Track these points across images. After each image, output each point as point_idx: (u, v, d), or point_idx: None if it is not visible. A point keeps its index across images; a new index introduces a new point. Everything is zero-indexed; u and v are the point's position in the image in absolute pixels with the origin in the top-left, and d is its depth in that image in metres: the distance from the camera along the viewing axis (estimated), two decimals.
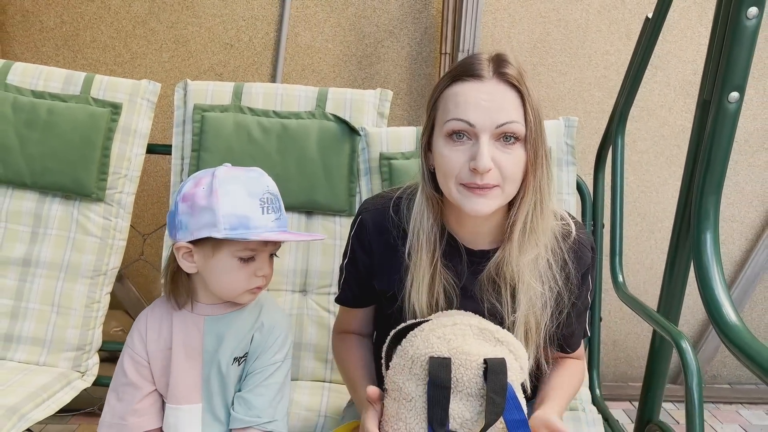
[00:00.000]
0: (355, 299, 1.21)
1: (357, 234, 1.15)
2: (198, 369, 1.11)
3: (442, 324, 0.99)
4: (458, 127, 0.96)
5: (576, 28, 2.47)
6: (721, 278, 1.13)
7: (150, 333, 1.12)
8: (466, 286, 1.08)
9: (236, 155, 1.61)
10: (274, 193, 1.09)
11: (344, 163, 1.62)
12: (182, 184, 1.08)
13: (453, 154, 0.97)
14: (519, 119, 0.96)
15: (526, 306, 1.05)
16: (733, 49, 1.12)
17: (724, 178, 1.20)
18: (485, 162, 0.94)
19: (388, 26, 2.46)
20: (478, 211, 0.97)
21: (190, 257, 1.06)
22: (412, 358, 0.97)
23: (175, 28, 2.45)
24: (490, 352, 0.96)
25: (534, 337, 1.07)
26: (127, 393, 1.11)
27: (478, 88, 0.96)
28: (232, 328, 1.11)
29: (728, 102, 1.14)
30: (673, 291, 1.51)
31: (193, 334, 1.11)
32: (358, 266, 1.16)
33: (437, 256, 1.06)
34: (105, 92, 1.66)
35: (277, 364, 1.12)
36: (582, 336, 1.20)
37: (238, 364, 1.11)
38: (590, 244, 1.13)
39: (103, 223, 1.63)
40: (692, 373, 1.17)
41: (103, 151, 1.62)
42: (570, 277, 1.08)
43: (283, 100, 1.66)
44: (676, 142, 2.56)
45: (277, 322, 1.15)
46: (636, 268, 2.63)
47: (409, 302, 1.08)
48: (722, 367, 2.75)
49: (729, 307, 1.08)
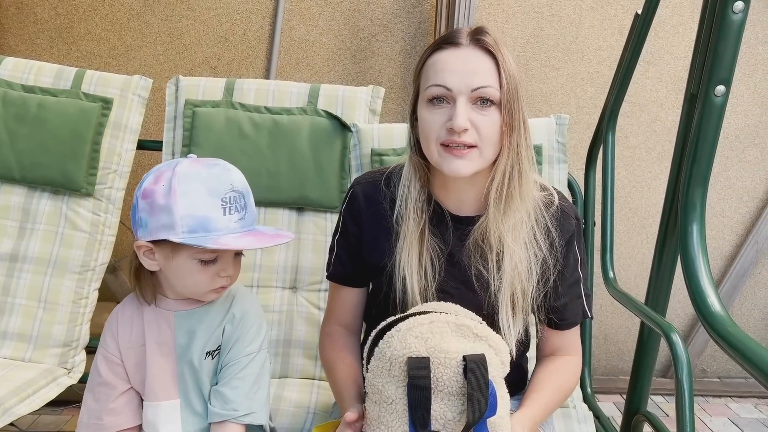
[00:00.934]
0: (346, 275, 1.20)
1: (348, 206, 1.18)
2: (172, 365, 1.10)
3: (419, 323, 0.98)
4: (437, 92, 1.02)
5: (569, 24, 2.47)
6: (706, 268, 1.14)
7: (122, 331, 1.11)
8: (453, 252, 1.10)
9: (227, 151, 1.61)
10: (240, 189, 1.04)
11: (335, 159, 1.62)
12: (144, 177, 1.04)
13: (432, 116, 1.03)
14: (493, 84, 1.01)
15: (511, 271, 1.07)
16: (720, 43, 1.13)
17: (710, 171, 1.21)
18: (461, 121, 0.99)
19: (382, 20, 2.45)
20: (457, 171, 1.01)
21: (152, 255, 1.04)
22: (390, 359, 0.96)
23: (169, 21, 2.45)
24: (469, 349, 0.95)
25: (521, 304, 1.08)
26: (103, 393, 1.10)
27: (455, 54, 1.03)
28: (202, 323, 1.09)
29: (715, 95, 1.16)
30: (660, 283, 1.52)
31: (164, 330, 1.10)
32: (349, 239, 1.18)
33: (424, 222, 1.09)
34: (96, 87, 1.66)
35: (251, 355, 1.10)
36: (580, 314, 1.18)
37: (212, 357, 1.10)
38: (574, 212, 1.16)
39: (92, 219, 1.63)
40: (682, 365, 1.17)
41: (93, 146, 1.62)
42: (554, 244, 1.10)
43: (274, 96, 1.66)
44: (668, 138, 2.56)
45: (249, 312, 1.12)
46: (627, 263, 2.64)
47: (399, 270, 1.09)
48: (712, 361, 2.77)
49: (713, 297, 1.09)
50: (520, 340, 1.12)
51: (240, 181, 1.05)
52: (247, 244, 1.02)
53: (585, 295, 1.19)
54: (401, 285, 1.09)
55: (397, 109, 2.50)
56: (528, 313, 1.11)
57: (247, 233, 1.03)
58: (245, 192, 1.05)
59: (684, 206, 1.21)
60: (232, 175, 1.04)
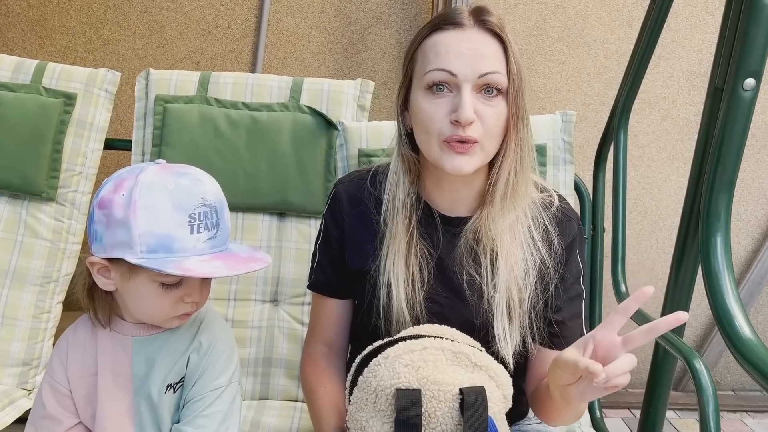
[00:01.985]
0: (329, 284, 1.09)
1: (330, 208, 1.09)
2: (128, 397, 0.96)
3: (410, 349, 0.86)
4: (439, 77, 0.91)
5: (574, 15, 2.34)
6: (732, 286, 1.02)
7: (72, 357, 0.97)
8: (443, 257, 1.01)
9: (201, 151, 1.47)
10: (212, 203, 0.90)
11: (320, 159, 1.49)
12: (104, 183, 0.91)
13: (433, 107, 0.92)
14: (501, 70, 0.92)
15: (507, 274, 0.97)
16: (750, 30, 1.02)
17: (736, 175, 1.09)
18: (468, 113, 0.89)
19: (375, 12, 2.32)
20: (460, 170, 0.92)
21: (107, 273, 0.90)
22: (375, 391, 0.84)
23: (149, 13, 2.32)
24: (467, 380, 0.84)
25: (518, 311, 0.98)
26: (46, 427, 0.97)
27: (460, 36, 0.92)
28: (164, 351, 0.96)
29: (743, 90, 1.05)
30: (678, 299, 1.40)
31: (120, 358, 0.96)
32: (332, 244, 1.08)
33: (413, 223, 1.00)
34: (58, 81, 1.53)
35: (219, 390, 0.97)
36: (579, 336, 1.05)
37: (173, 390, 0.97)
38: (576, 216, 1.07)
39: (55, 225, 1.50)
40: (708, 398, 1.04)
41: (54, 145, 1.49)
42: (553, 245, 1.01)
43: (253, 91, 1.52)
44: (680, 137, 2.44)
45: (219, 340, 0.99)
46: (636, 270, 2.51)
47: (383, 276, 0.99)
48: (726, 373, 2.63)
49: (742, 320, 0.97)
50: (517, 351, 1.00)
51: (213, 193, 0.91)
52: (214, 271, 0.88)
53: (584, 315, 1.07)
54: (386, 291, 0.99)
55: (391, 106, 2.36)
56: (525, 320, 0.99)
57: (217, 255, 0.89)
58: (219, 207, 0.91)
59: (706, 215, 1.08)
60: (204, 186, 0.90)
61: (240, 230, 1.48)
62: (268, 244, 1.49)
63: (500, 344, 0.96)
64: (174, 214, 0.86)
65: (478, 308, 0.99)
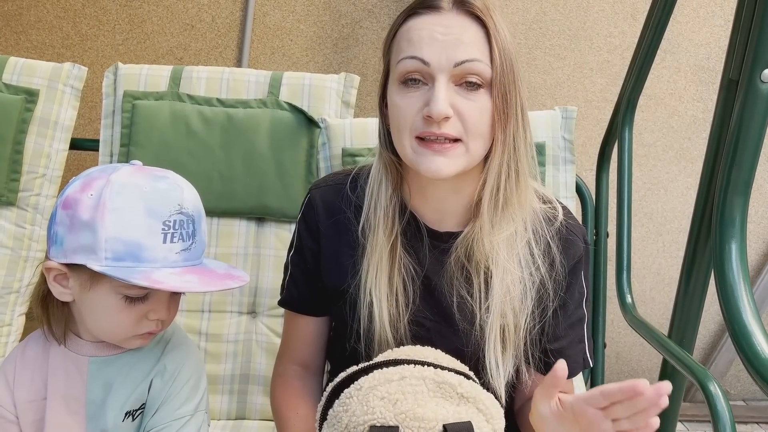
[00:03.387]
0: (301, 300, 1.00)
1: (304, 215, 0.99)
2: (81, 425, 0.87)
3: (387, 378, 0.76)
4: (411, 66, 0.82)
5: (576, 8, 2.24)
6: (749, 298, 0.95)
7: (20, 378, 0.87)
8: (430, 276, 0.91)
9: (172, 151, 1.37)
10: (190, 212, 0.82)
11: (301, 160, 1.39)
12: (71, 181, 0.82)
13: (405, 101, 0.83)
14: (483, 58, 0.81)
15: (502, 295, 0.86)
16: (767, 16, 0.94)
17: (753, 176, 1.04)
18: (440, 106, 0.79)
19: (366, 5, 2.22)
20: (436, 172, 0.81)
21: (65, 281, 0.81)
22: (347, 427, 0.74)
23: (129, 7, 2.22)
24: (452, 415, 0.74)
25: (512, 338, 0.88)
26: None
27: (435, 20, 0.82)
28: (124, 374, 0.87)
29: (761, 81, 0.97)
30: (688, 310, 1.32)
31: (74, 381, 0.86)
32: (306, 256, 0.98)
33: (396, 233, 0.90)
34: (19, 77, 1.43)
35: (183, 419, 0.87)
36: (579, 362, 0.96)
37: (132, 419, 0.87)
38: (582, 233, 0.95)
39: (16, 232, 1.40)
40: (725, 426, 0.94)
41: (14, 146, 1.40)
42: (555, 265, 0.90)
43: (229, 86, 1.42)
44: (687, 135, 2.33)
45: (186, 365, 0.90)
46: (642, 274, 2.41)
47: (364, 294, 0.89)
48: (736, 382, 2.53)
49: (760, 336, 0.90)
50: (509, 382, 0.90)
51: (192, 201, 0.83)
52: (187, 285, 0.79)
53: (587, 339, 0.96)
54: (367, 312, 0.89)
55: None
56: (520, 348, 0.88)
57: (190, 269, 0.81)
58: (196, 216, 0.83)
59: (720, 221, 1.01)
60: (183, 193, 0.82)
61: (215, 237, 1.38)
62: (245, 251, 1.39)
63: (492, 374, 0.86)
64: (146, 220, 0.78)
65: (468, 334, 0.88)
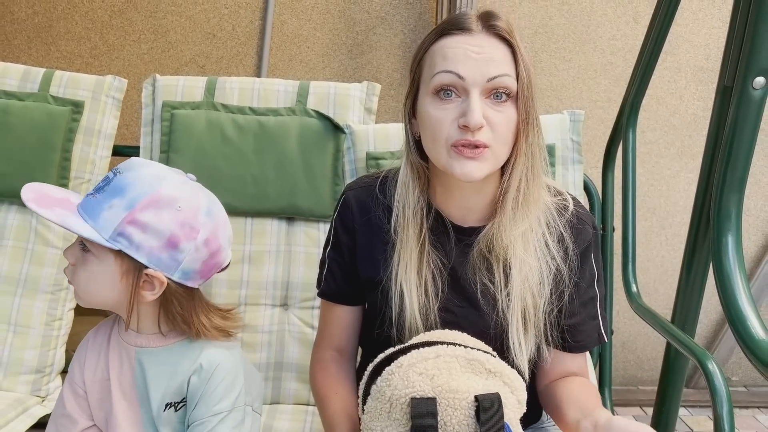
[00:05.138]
0: (340, 292, 1.09)
1: (340, 214, 1.07)
2: (135, 409, 0.97)
3: (423, 357, 0.85)
4: (447, 80, 0.90)
5: (580, 12, 2.33)
6: (745, 287, 1.02)
7: (89, 360, 0.98)
8: (456, 267, 1.00)
9: (209, 157, 1.47)
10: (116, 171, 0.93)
11: (328, 163, 1.48)
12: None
13: (441, 113, 0.91)
14: (511, 73, 0.91)
15: (521, 283, 0.96)
16: (760, 26, 1.00)
17: (747, 175, 1.08)
18: (477, 117, 0.87)
19: (379, 12, 2.31)
20: (470, 175, 0.90)
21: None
22: (390, 400, 0.84)
23: (153, 18, 2.32)
24: (482, 387, 0.84)
25: (533, 319, 0.97)
26: (64, 426, 0.98)
27: (468, 40, 0.91)
28: (162, 367, 0.96)
29: (753, 88, 1.03)
30: (689, 298, 1.40)
31: (125, 368, 0.97)
32: (342, 250, 1.07)
33: (425, 231, 0.99)
34: (65, 89, 1.53)
35: (221, 415, 0.95)
36: (594, 338, 1.05)
37: (174, 409, 0.96)
38: (591, 220, 1.05)
39: (65, 233, 1.50)
40: (722, 400, 1.03)
41: (63, 153, 1.49)
42: (568, 252, 1.00)
43: (260, 96, 1.52)
44: (688, 132, 2.42)
45: (222, 366, 0.97)
46: (646, 267, 2.50)
47: (395, 286, 0.98)
48: (737, 369, 2.62)
49: (755, 320, 0.97)
50: (532, 359, 0.99)
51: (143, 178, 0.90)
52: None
53: (601, 317, 1.06)
54: (398, 301, 0.98)
55: (396, 106, 2.36)
56: (540, 329, 0.98)
57: None
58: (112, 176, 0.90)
59: (717, 215, 1.08)
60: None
61: (249, 235, 1.48)
62: (277, 248, 1.49)
63: (515, 353, 0.96)
64: None
65: (492, 318, 0.98)
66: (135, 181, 0.87)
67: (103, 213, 0.86)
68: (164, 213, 0.86)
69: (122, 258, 0.88)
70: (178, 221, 0.87)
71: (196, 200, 0.89)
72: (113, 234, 0.86)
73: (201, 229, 0.89)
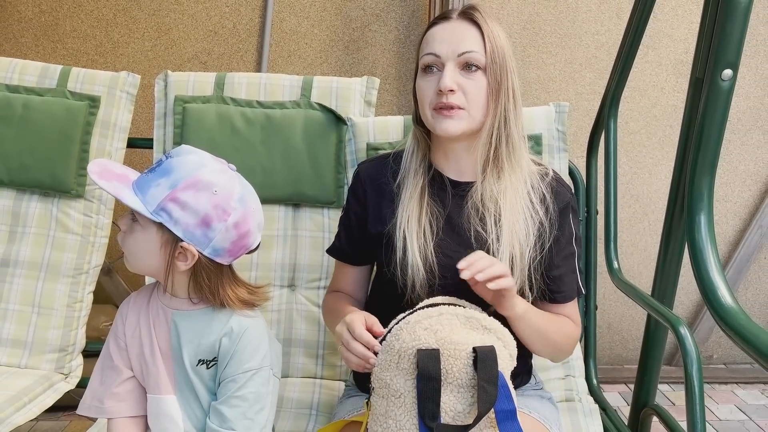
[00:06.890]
0: (343, 251, 1.27)
1: (352, 186, 1.27)
2: (169, 363, 1.07)
3: (428, 315, 0.98)
4: (428, 60, 1.13)
5: (566, 8, 2.43)
6: (716, 260, 1.13)
7: (130, 317, 1.09)
8: (452, 215, 1.16)
9: (219, 148, 1.56)
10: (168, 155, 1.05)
11: (331, 153, 1.58)
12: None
13: (426, 83, 1.13)
14: (478, 49, 1.10)
15: (509, 232, 1.12)
16: (726, 25, 1.10)
17: (717, 159, 1.19)
18: (447, 81, 1.08)
19: (374, 9, 2.41)
20: (447, 131, 1.10)
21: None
22: (398, 352, 0.95)
23: (156, 16, 2.40)
24: (479, 341, 0.96)
25: (519, 263, 1.12)
26: (109, 376, 1.08)
27: (445, 26, 1.13)
28: (195, 328, 1.06)
29: (721, 80, 1.14)
30: (667, 274, 1.50)
31: (162, 327, 1.07)
32: (350, 216, 1.25)
33: (423, 185, 1.17)
34: (82, 85, 1.61)
35: (249, 373, 1.05)
36: (574, 289, 1.21)
37: (207, 366, 1.06)
38: (568, 187, 1.22)
39: (84, 220, 1.59)
40: (692, 360, 1.15)
41: (81, 146, 1.58)
42: (549, 210, 1.15)
43: (267, 90, 1.62)
44: (669, 123, 2.53)
45: (250, 330, 1.07)
46: (630, 251, 2.61)
47: (399, 231, 1.15)
48: (717, 347, 2.74)
49: (724, 289, 1.08)
50: None
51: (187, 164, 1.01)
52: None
53: (579, 271, 1.22)
54: (401, 245, 1.14)
55: (393, 100, 2.46)
56: (525, 272, 1.12)
57: None
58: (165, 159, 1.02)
59: (690, 196, 1.19)
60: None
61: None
62: (284, 233, 1.59)
63: None
64: None
65: None
66: (180, 165, 0.98)
67: (151, 189, 0.98)
68: (201, 195, 0.97)
69: (163, 230, 0.99)
70: (213, 203, 0.97)
71: (231, 187, 1.00)
72: (157, 208, 0.97)
73: (232, 213, 0.99)
